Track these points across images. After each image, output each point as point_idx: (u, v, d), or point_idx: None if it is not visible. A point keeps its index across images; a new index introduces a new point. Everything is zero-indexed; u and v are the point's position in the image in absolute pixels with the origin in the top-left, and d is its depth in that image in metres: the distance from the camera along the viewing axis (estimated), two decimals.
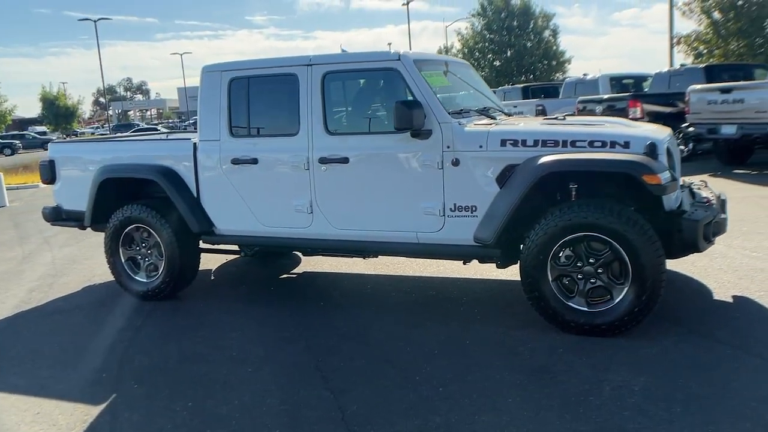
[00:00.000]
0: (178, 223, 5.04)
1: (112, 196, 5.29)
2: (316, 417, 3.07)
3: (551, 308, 3.86)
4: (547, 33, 36.44)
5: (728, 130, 9.85)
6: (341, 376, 3.51)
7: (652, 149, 3.75)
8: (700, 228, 3.69)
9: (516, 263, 4.33)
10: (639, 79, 16.48)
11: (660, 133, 4.11)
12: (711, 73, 12.56)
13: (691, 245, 3.74)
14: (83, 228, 5.85)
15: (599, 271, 3.77)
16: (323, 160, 4.45)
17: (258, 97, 4.77)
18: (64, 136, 44.03)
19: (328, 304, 4.87)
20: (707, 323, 3.93)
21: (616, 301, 3.74)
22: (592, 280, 3.80)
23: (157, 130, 38.45)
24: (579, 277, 3.82)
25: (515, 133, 4.04)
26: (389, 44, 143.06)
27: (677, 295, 4.42)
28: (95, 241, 7.76)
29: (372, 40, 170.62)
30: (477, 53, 36.50)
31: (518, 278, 3.98)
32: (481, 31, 36.77)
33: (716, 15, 19.81)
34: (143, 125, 51.94)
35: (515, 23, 35.59)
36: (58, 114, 46.27)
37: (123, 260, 5.29)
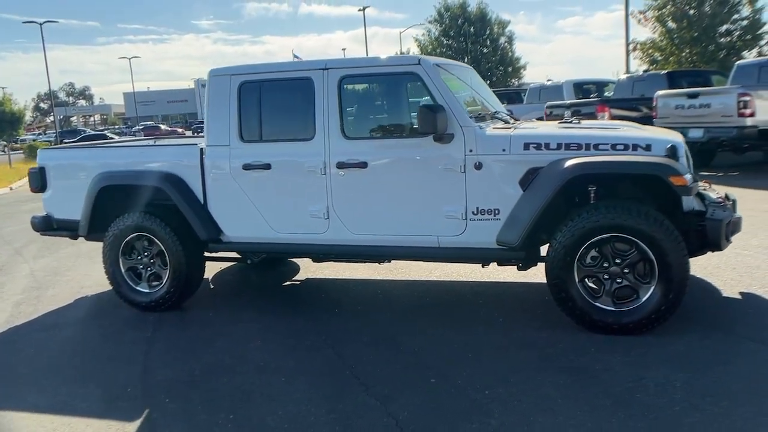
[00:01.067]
0: (184, 230, 4.91)
1: (109, 205, 5.11)
2: (369, 425, 3.03)
3: (579, 309, 3.92)
4: (502, 40, 37.16)
5: (695, 133, 10.21)
6: (381, 382, 3.47)
7: (673, 152, 3.86)
8: (722, 227, 3.81)
9: (535, 265, 4.41)
10: (600, 85, 16.97)
11: (676, 136, 4.24)
12: (672, 79, 13.02)
13: (713, 244, 3.86)
14: (74, 238, 5.65)
15: (625, 271, 3.85)
16: (341, 165, 4.40)
17: (270, 102, 4.69)
18: (8, 143, 42.20)
19: (343, 310, 4.81)
20: (724, 319, 4.06)
21: (643, 300, 3.82)
22: (618, 280, 3.87)
23: (106, 136, 37.37)
24: (605, 277, 3.89)
25: (538, 136, 4.10)
26: (343, 50, 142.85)
27: (688, 293, 4.53)
28: (72, 251, 7.51)
29: (322, 45, 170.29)
30: None
31: (526, 280, 4.05)
32: (438, 38, 37.20)
33: (670, 24, 20.62)
34: (90, 131, 50.27)
35: (472, 30, 36.13)
36: (2, 120, 44.35)
37: (123, 270, 5.11)
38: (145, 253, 5.06)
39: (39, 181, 5.42)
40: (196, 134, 57.28)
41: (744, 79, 11.20)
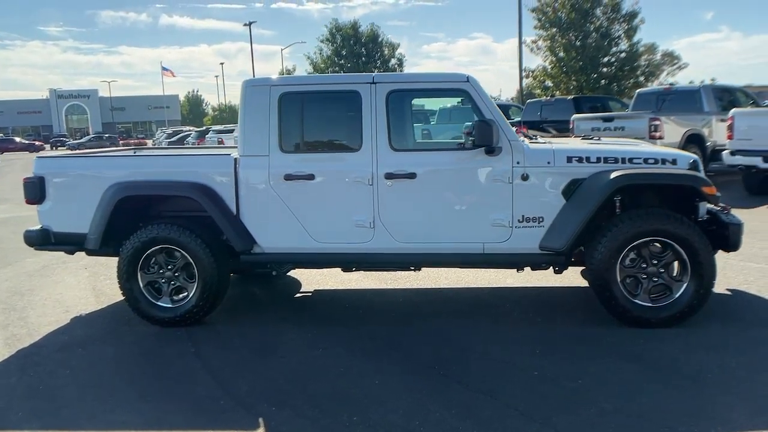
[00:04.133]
0: (215, 242, 4.81)
1: (117, 217, 4.88)
2: (486, 416, 3.22)
3: (621, 306, 4.35)
4: (393, 61, 38.36)
5: None
6: (477, 380, 3.67)
7: (695, 165, 4.45)
8: (742, 230, 4.42)
9: (566, 268, 4.81)
10: (504, 108, 18.14)
11: (691, 153, 4.84)
12: (578, 104, 14.32)
13: (733, 245, 4.44)
14: (72, 253, 5.32)
15: (661, 270, 4.35)
16: (389, 176, 4.56)
17: (313, 113, 4.75)
18: None
19: (373, 317, 4.92)
20: (735, 310, 4.69)
21: (676, 296, 4.33)
22: (654, 279, 4.36)
23: None
24: (643, 277, 4.37)
25: (579, 151, 4.52)
26: (221, 63, 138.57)
27: None
28: (15, 270, 6.97)
29: (184, 58, 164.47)
30: None
31: (535, 284, 4.40)
32: (331, 56, 37.66)
33: (561, 54, 22.53)
34: None
35: (363, 51, 36.98)
36: None
37: (142, 285, 4.88)
38: (168, 267, 4.87)
39: (37, 192, 5.03)
40: (55, 148, 52.81)
41: (644, 106, 12.61)
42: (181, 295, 4.90)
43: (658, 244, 4.34)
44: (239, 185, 4.76)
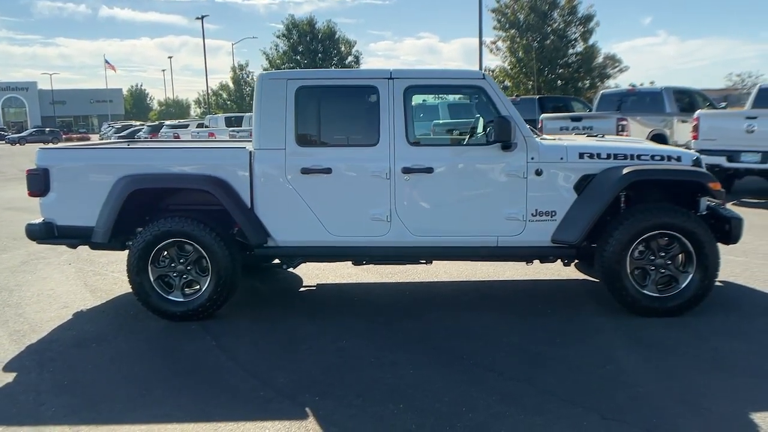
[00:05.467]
0: (229, 235, 4.79)
1: (129, 210, 4.80)
2: (530, 401, 3.34)
3: (630, 296, 4.56)
4: (350, 59, 38.32)
5: None
6: (511, 368, 3.79)
7: (698, 162, 4.70)
8: (743, 224, 4.68)
9: (574, 261, 5.00)
10: (465, 108, 18.44)
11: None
12: (543, 104, 14.70)
13: (734, 238, 4.70)
14: (74, 247, 5.21)
15: (668, 262, 4.57)
16: (406, 170, 4.63)
17: (330, 107, 4.79)
18: None
19: (385, 310, 4.99)
20: (731, 299, 4.97)
21: (682, 286, 4.57)
22: (662, 270, 4.58)
23: None
24: (651, 268, 4.59)
25: (590, 147, 4.71)
26: (170, 57, 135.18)
27: None
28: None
29: (125, 51, 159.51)
30: None
31: (533, 277, 4.54)
32: (287, 52, 37.32)
33: (520, 55, 23.04)
34: None
35: (320, 47, 36.82)
36: None
37: (152, 279, 4.80)
38: (181, 260, 4.81)
39: (42, 184, 4.88)
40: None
41: (608, 106, 13.06)
42: (192, 289, 4.85)
43: (665, 237, 4.55)
44: (254, 178, 4.74)
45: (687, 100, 12.96)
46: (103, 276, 6.35)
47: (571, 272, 5.88)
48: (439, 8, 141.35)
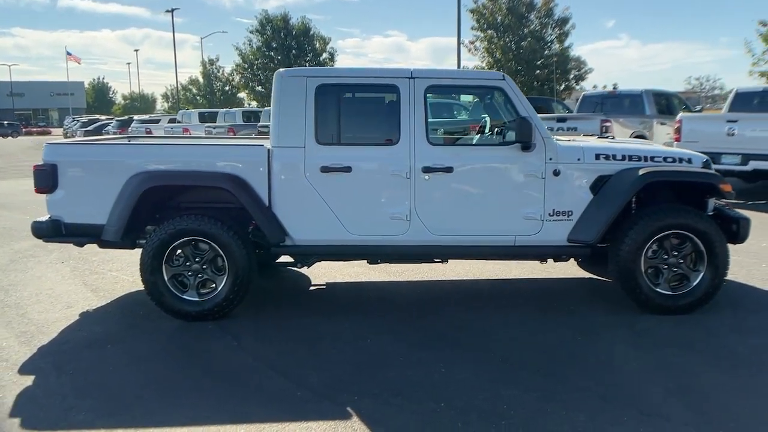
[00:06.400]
0: (246, 234, 4.74)
1: (141, 207, 4.72)
2: (573, 397, 3.40)
3: (644, 295, 4.66)
4: (325, 55, 38.10)
5: None
6: (539, 365, 3.84)
7: (707, 164, 4.83)
8: (750, 224, 4.83)
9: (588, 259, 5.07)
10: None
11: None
12: None
13: (741, 238, 4.84)
14: (81, 245, 5.11)
15: (680, 261, 4.69)
16: (427, 170, 4.64)
17: (350, 105, 4.77)
18: None
19: (393, 308, 5.00)
20: (735, 297, 5.11)
21: (693, 284, 4.69)
22: (674, 269, 4.70)
23: None
24: (664, 267, 4.70)
25: (606, 149, 4.80)
26: (136, 50, 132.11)
27: None
28: None
29: (85, 43, 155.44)
30: (257, 69, 36.67)
31: (535, 276, 4.63)
32: (261, 48, 36.92)
33: (498, 55, 23.26)
34: None
35: (294, 43, 36.52)
36: None
37: (167, 278, 4.72)
38: (196, 259, 4.74)
39: (49, 180, 4.75)
40: None
41: (589, 108, 13.29)
42: (207, 289, 4.78)
43: (677, 237, 4.66)
44: (272, 176, 4.69)
45: (665, 103, 13.29)
46: (102, 275, 6.21)
47: (574, 271, 5.99)
48: (407, 7, 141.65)
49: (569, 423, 3.14)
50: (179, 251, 4.74)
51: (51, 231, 4.80)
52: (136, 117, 30.90)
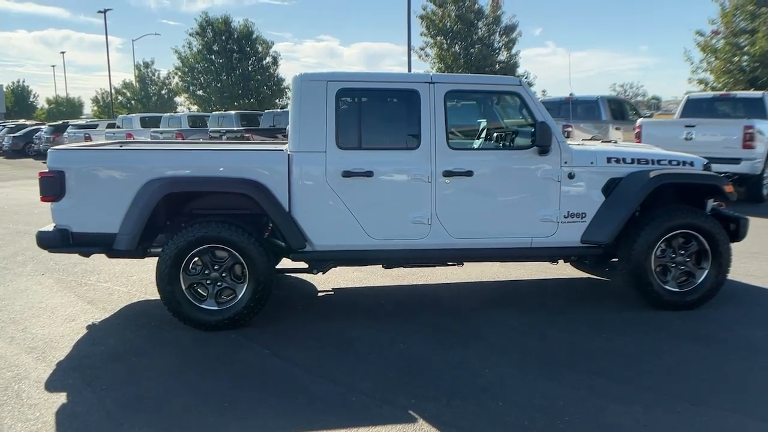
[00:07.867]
0: (266, 241, 4.67)
1: (157, 215, 4.58)
2: (613, 392, 3.52)
3: (654, 292, 4.87)
4: (268, 59, 37.57)
5: None
6: (583, 360, 3.96)
7: (708, 166, 5.10)
8: (748, 224, 5.12)
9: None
10: None
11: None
12: None
13: (741, 236, 5.13)
14: (87, 255, 4.91)
15: (687, 259, 4.93)
16: (447, 174, 4.70)
17: (371, 110, 4.78)
18: None
19: (432, 312, 5.04)
20: (733, 294, 5.38)
21: (699, 281, 4.94)
22: (681, 267, 4.93)
23: None
24: (672, 265, 4.93)
25: (616, 152, 4.99)
26: (63, 53, 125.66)
27: None
28: None
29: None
30: (197, 72, 35.85)
31: (538, 277, 4.81)
32: (201, 51, 36.06)
33: (449, 62, 23.60)
34: None
35: (236, 47, 35.86)
36: None
37: (184, 288, 4.58)
38: (215, 267, 4.62)
39: (56, 188, 4.52)
40: None
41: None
42: (227, 297, 4.67)
43: (683, 236, 4.90)
44: (292, 181, 4.64)
45: (617, 108, 13.87)
46: (92, 286, 5.95)
47: (570, 271, 6.18)
48: (339, 12, 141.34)
49: (629, 416, 3.26)
50: (196, 259, 4.61)
51: (58, 241, 4.57)
52: (71, 122, 29.50)
